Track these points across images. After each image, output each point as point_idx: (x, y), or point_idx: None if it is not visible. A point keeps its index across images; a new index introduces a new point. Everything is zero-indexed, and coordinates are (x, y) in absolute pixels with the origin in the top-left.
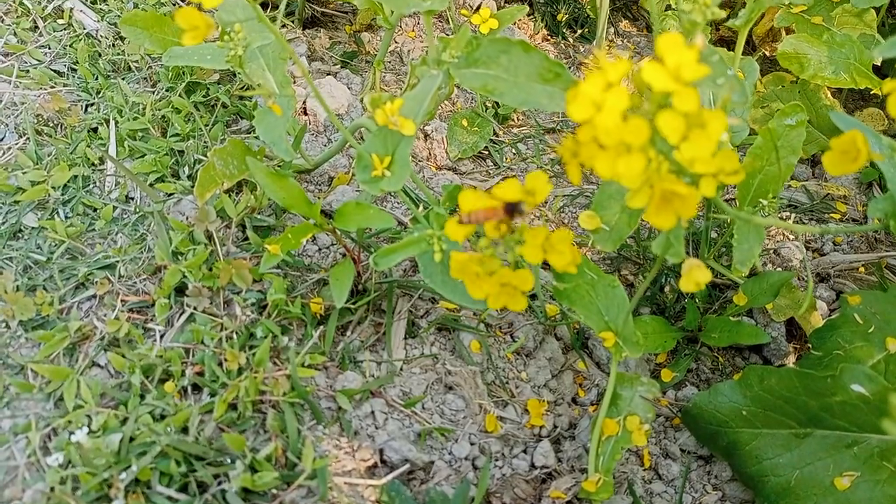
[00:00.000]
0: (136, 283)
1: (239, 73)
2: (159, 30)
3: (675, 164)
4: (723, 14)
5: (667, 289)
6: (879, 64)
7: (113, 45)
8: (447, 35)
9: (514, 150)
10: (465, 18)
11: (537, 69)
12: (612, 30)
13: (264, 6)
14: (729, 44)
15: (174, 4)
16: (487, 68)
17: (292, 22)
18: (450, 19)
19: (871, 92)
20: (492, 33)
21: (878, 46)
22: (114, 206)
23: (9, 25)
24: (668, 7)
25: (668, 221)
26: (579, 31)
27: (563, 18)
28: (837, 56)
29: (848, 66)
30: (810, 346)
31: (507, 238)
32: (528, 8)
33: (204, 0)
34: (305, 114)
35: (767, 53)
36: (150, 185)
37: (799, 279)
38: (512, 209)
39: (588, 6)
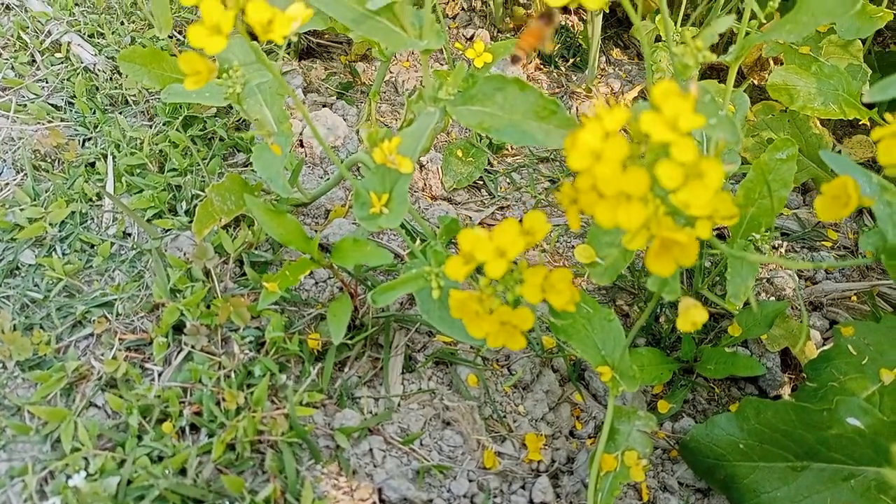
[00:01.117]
0: (133, 321)
1: (237, 109)
2: (157, 66)
3: (671, 206)
4: (714, 57)
5: (662, 319)
6: (867, 91)
7: (110, 78)
8: (441, 66)
9: (508, 180)
10: (460, 51)
11: (532, 106)
12: (603, 58)
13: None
14: (719, 71)
15: (170, 37)
16: (483, 105)
17: (288, 53)
18: (444, 49)
19: (860, 123)
20: (486, 67)
21: (868, 89)
22: (111, 243)
23: (6, 60)
24: (658, 38)
25: (667, 269)
26: (571, 60)
27: (556, 48)
28: (826, 87)
29: (836, 97)
30: (805, 377)
31: (507, 277)
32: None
33: (207, 46)
34: (302, 146)
35: (756, 82)
36: (148, 220)
37: (792, 308)
38: (548, 17)
39: (580, 35)
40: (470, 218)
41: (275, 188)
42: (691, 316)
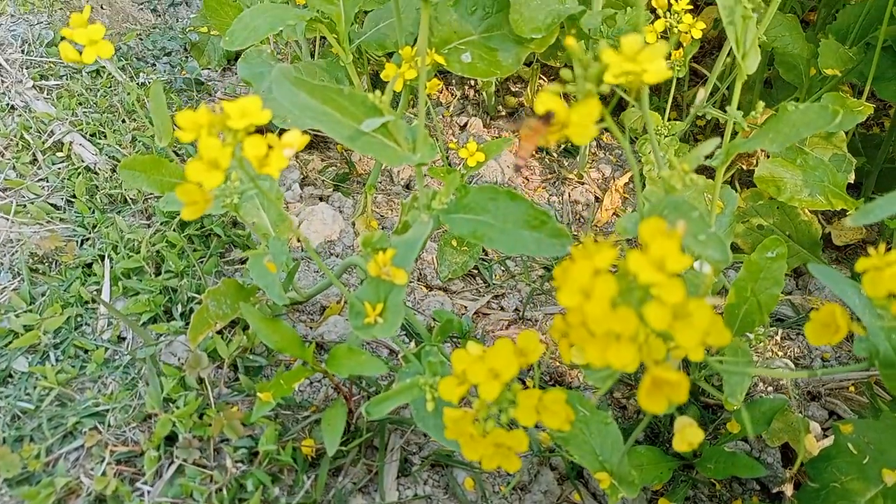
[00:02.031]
0: (125, 431)
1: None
2: (157, 172)
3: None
4: (700, 181)
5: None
6: (853, 181)
7: (110, 177)
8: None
9: (503, 268)
10: (453, 150)
11: (524, 216)
12: (594, 143)
13: (257, 131)
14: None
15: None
16: (476, 214)
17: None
18: (437, 139)
19: (847, 213)
20: (479, 165)
21: (851, 214)
22: (106, 348)
23: (9, 160)
24: (644, 131)
25: (659, 406)
26: (563, 146)
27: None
28: (812, 179)
29: (823, 188)
30: (807, 475)
31: (501, 398)
32: (514, 140)
33: (205, 181)
34: (298, 240)
35: (745, 167)
36: (143, 324)
37: (788, 395)
38: (547, 118)
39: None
40: (465, 308)
41: (271, 296)
42: (687, 436)
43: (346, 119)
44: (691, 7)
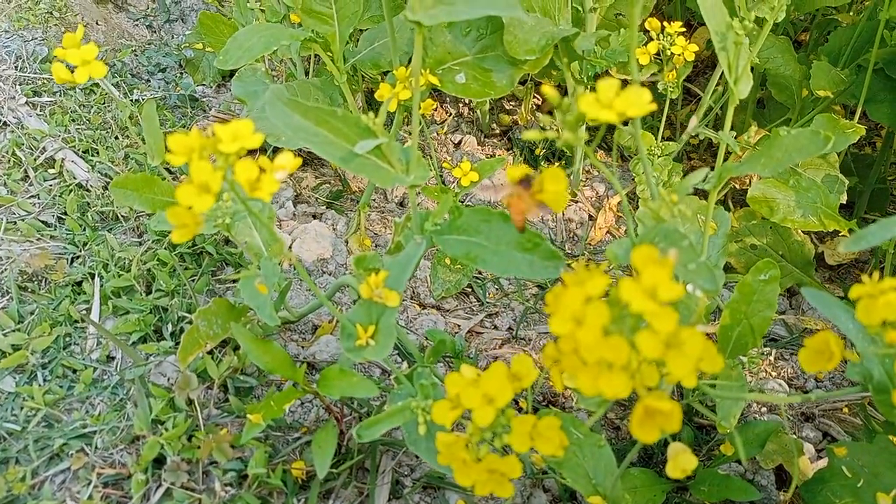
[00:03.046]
0: (112, 454)
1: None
2: (149, 190)
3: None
4: (694, 204)
5: None
6: (845, 202)
7: (102, 194)
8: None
9: (496, 286)
10: (448, 170)
11: (517, 238)
12: (587, 161)
13: (251, 152)
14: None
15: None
16: (469, 236)
17: None
18: (431, 156)
19: (840, 234)
20: (472, 185)
21: (844, 240)
22: (94, 368)
23: (0, 176)
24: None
25: (651, 436)
26: (556, 164)
27: (541, 153)
28: (804, 200)
29: (815, 209)
30: (801, 498)
31: (495, 423)
32: (507, 160)
33: (196, 204)
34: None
35: (738, 186)
36: (133, 344)
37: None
38: (527, 182)
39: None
40: (458, 326)
41: (262, 317)
42: (681, 462)
43: (340, 140)
44: (684, 29)
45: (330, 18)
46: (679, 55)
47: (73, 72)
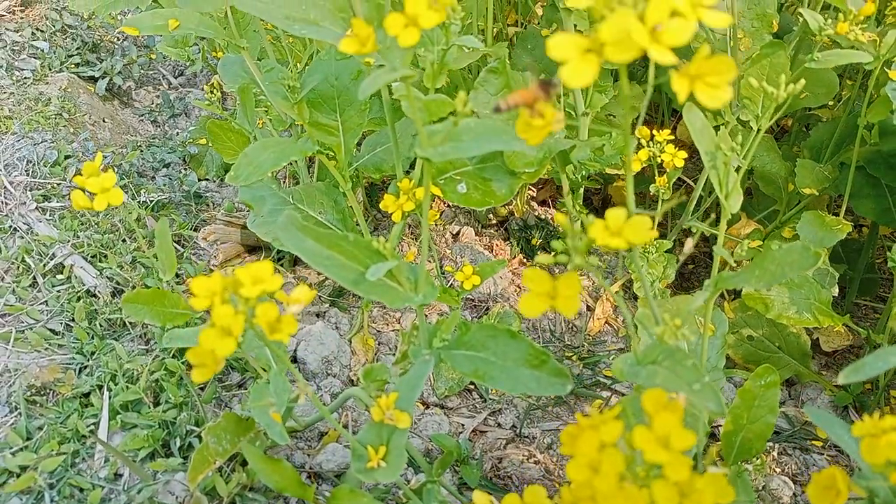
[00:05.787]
0: None
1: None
2: (159, 304)
3: None
4: (680, 322)
5: None
6: (837, 294)
7: (110, 301)
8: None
9: None
10: (450, 274)
11: (524, 355)
12: None
13: (255, 249)
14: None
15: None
16: (477, 351)
17: (281, 265)
18: (433, 253)
19: (835, 329)
20: (474, 288)
21: (843, 372)
22: (102, 487)
23: (9, 284)
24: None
25: None
26: (554, 254)
27: (538, 242)
28: (798, 296)
29: (809, 305)
30: None
31: None
32: (508, 262)
33: (218, 348)
34: (295, 361)
35: None
36: (141, 461)
37: None
38: (547, 86)
39: (560, 227)
40: (462, 426)
41: (272, 436)
42: None
43: (352, 263)
44: (672, 137)
45: (335, 130)
46: (669, 161)
47: (91, 199)
